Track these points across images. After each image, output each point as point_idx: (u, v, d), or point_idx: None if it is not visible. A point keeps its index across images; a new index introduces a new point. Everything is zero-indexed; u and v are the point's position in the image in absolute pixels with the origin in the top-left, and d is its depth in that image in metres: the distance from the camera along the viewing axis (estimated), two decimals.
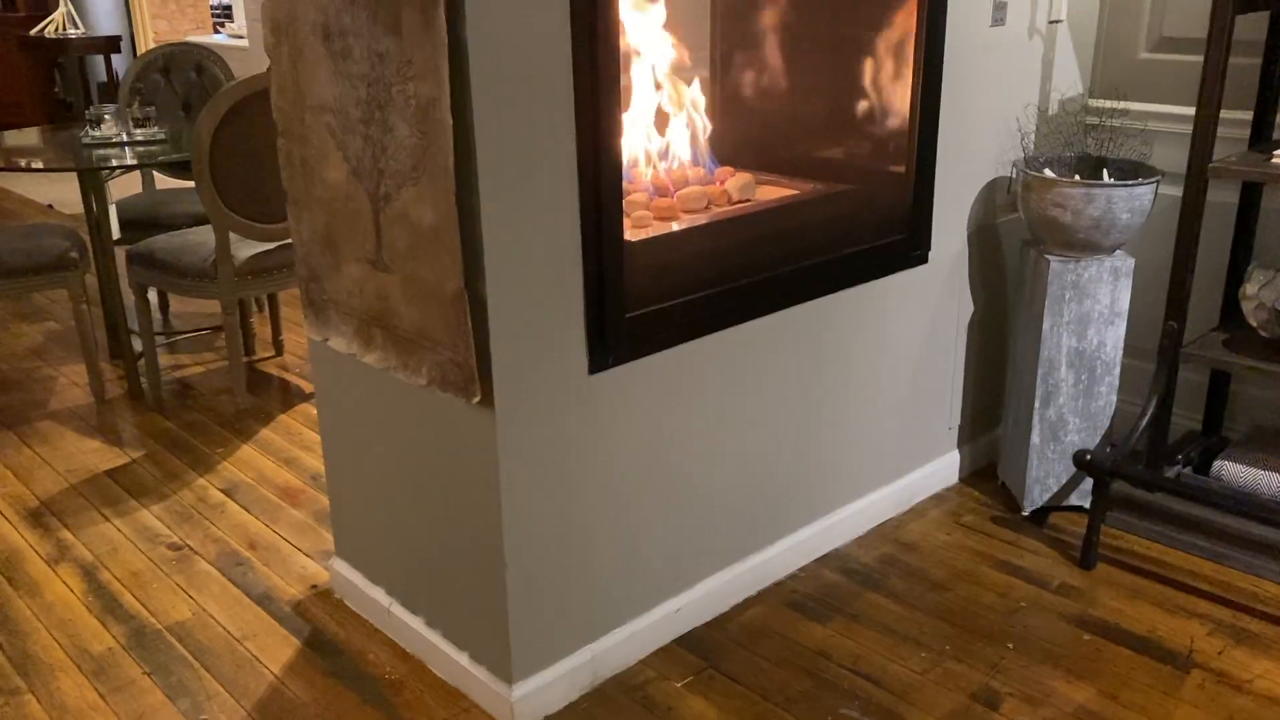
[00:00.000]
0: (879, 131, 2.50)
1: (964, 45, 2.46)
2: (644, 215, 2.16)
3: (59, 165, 3.69)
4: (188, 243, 3.46)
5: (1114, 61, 2.86)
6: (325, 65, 1.89)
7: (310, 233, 2.11)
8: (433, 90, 1.67)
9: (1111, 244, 2.50)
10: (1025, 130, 2.70)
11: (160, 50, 4.55)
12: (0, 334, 4.29)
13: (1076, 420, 2.64)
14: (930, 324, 2.68)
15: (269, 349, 4.04)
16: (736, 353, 2.22)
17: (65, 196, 6.16)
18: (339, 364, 2.19)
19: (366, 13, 1.75)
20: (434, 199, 1.75)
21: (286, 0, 1.94)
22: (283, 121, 2.08)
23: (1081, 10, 2.80)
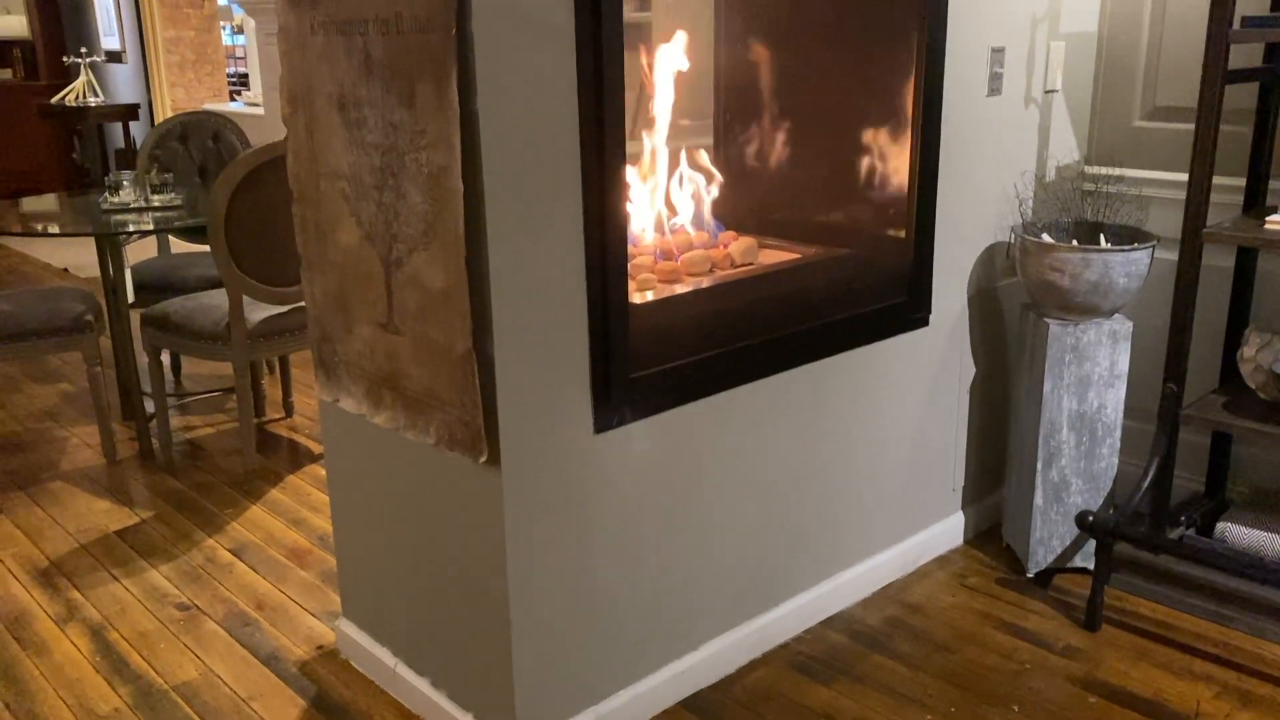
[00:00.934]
0: (879, 197, 2.55)
1: (961, 114, 2.53)
2: (649, 278, 2.21)
3: (77, 230, 3.77)
4: (201, 306, 3.52)
5: (1109, 129, 2.93)
6: (340, 134, 1.96)
7: (323, 295, 2.16)
8: (445, 159, 1.73)
9: (1110, 307, 2.54)
10: (1023, 196, 2.75)
11: (178, 118, 4.66)
12: (14, 395, 4.34)
13: (1079, 482, 2.66)
14: (932, 386, 2.71)
15: (279, 410, 4.08)
16: (740, 413, 2.26)
17: (81, 261, 6.27)
18: (349, 425, 2.23)
19: (382, 85, 1.82)
20: (444, 262, 1.80)
21: (304, 73, 2.01)
22: (298, 188, 2.14)
23: (1076, 80, 2.87)
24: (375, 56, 1.82)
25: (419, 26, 1.71)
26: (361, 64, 1.85)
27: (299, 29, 1.99)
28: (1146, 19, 2.82)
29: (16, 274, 6.51)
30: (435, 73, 1.70)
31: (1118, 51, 2.89)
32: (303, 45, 2.00)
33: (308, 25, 1.96)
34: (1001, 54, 2.60)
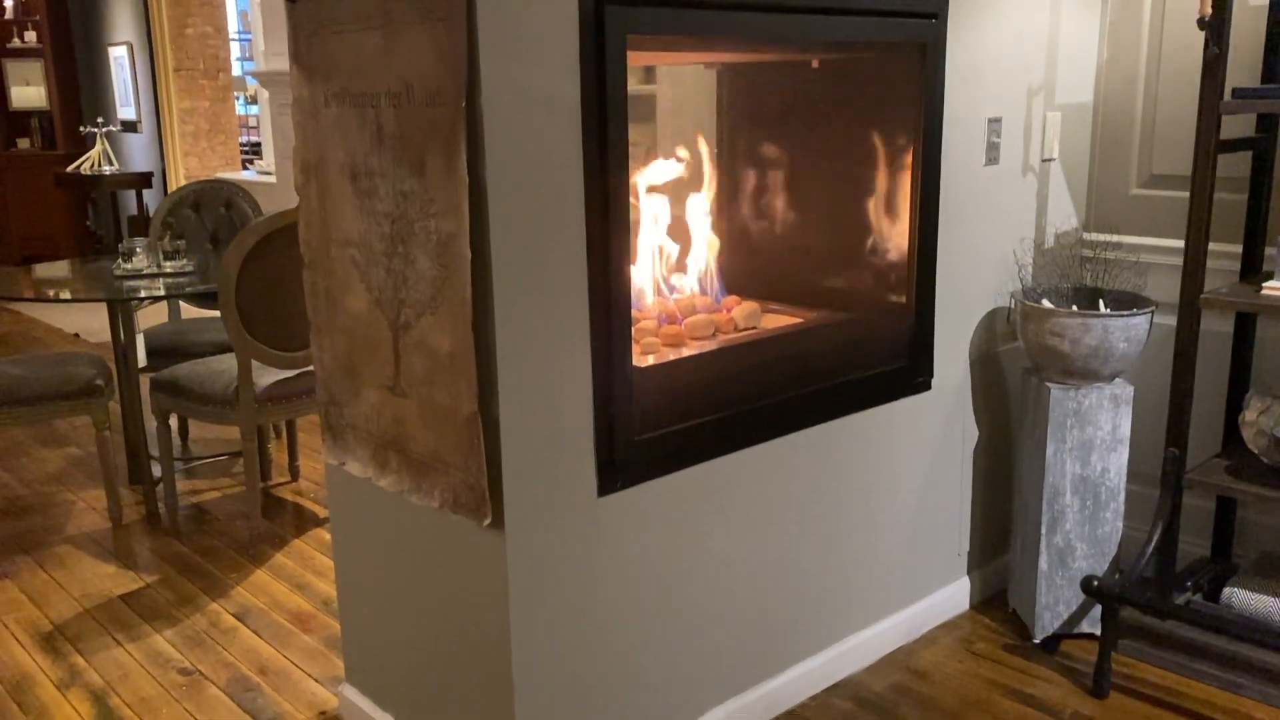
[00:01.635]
0: (880, 263, 2.59)
1: (960, 182, 2.58)
2: (653, 342, 2.24)
3: (90, 296, 3.83)
4: (211, 370, 3.55)
5: (1106, 197, 2.98)
6: (351, 203, 2.00)
7: (332, 359, 2.19)
8: (453, 226, 1.77)
9: (1110, 372, 2.56)
10: (1022, 262, 2.79)
11: (192, 186, 4.75)
12: (22, 459, 4.36)
13: (1084, 546, 2.66)
14: (936, 450, 2.72)
15: (285, 475, 4.09)
16: (744, 477, 2.27)
17: (92, 326, 6.33)
18: (354, 488, 2.24)
19: (393, 156, 1.87)
20: (452, 327, 1.83)
21: (317, 143, 2.07)
22: (309, 254, 2.18)
23: (1073, 148, 2.93)
24: (387, 128, 1.87)
25: (429, 100, 1.76)
26: (373, 135, 1.90)
27: (313, 101, 2.05)
28: (1141, 89, 2.88)
29: (27, 339, 6.57)
30: (445, 144, 1.75)
31: (1113, 121, 2.95)
32: (316, 117, 2.05)
33: (321, 98, 2.02)
34: (999, 124, 2.66)
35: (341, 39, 1.93)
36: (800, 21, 2.15)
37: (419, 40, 1.76)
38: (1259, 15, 2.59)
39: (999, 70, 2.63)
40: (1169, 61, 2.81)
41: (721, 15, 2.01)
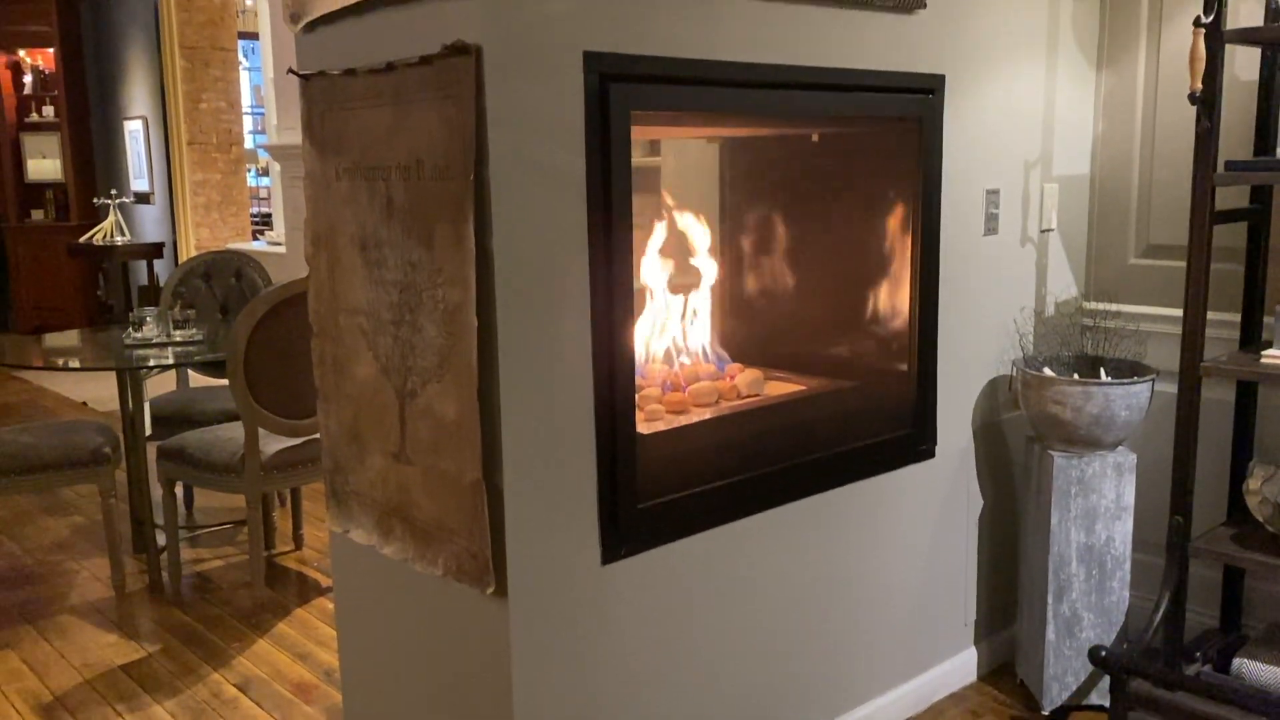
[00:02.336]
0: (882, 330, 2.62)
1: (959, 252, 2.61)
2: (656, 409, 2.26)
3: (99, 364, 3.86)
4: (218, 438, 3.57)
5: (1105, 266, 3.01)
6: (360, 273, 2.04)
7: (338, 426, 2.21)
8: (460, 295, 1.80)
9: (1113, 440, 2.57)
10: (1023, 331, 2.82)
11: (203, 257, 4.82)
12: (27, 528, 4.36)
13: (1091, 616, 2.64)
14: (940, 518, 2.72)
15: (289, 543, 4.09)
16: (748, 545, 2.27)
17: (100, 394, 6.36)
18: (358, 556, 2.25)
19: (402, 227, 1.91)
20: (457, 394, 1.85)
21: (327, 215, 2.11)
22: (318, 323, 2.22)
23: (1071, 219, 2.97)
24: (396, 200, 1.91)
25: (438, 173, 1.81)
26: (383, 207, 1.94)
27: (324, 175, 2.10)
28: (1136, 162, 2.93)
29: (36, 407, 6.60)
30: (453, 215, 1.79)
31: (1110, 193, 2.99)
32: (328, 190, 2.10)
33: (333, 171, 2.07)
34: (996, 195, 2.70)
35: (354, 115, 1.99)
36: (799, 97, 2.20)
37: (429, 116, 1.81)
38: (1249, 90, 2.65)
39: (996, 143, 2.69)
40: (1163, 134, 2.86)
41: (722, 92, 2.06)
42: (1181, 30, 2.69)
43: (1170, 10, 2.82)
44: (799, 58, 2.17)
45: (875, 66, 2.32)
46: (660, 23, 1.94)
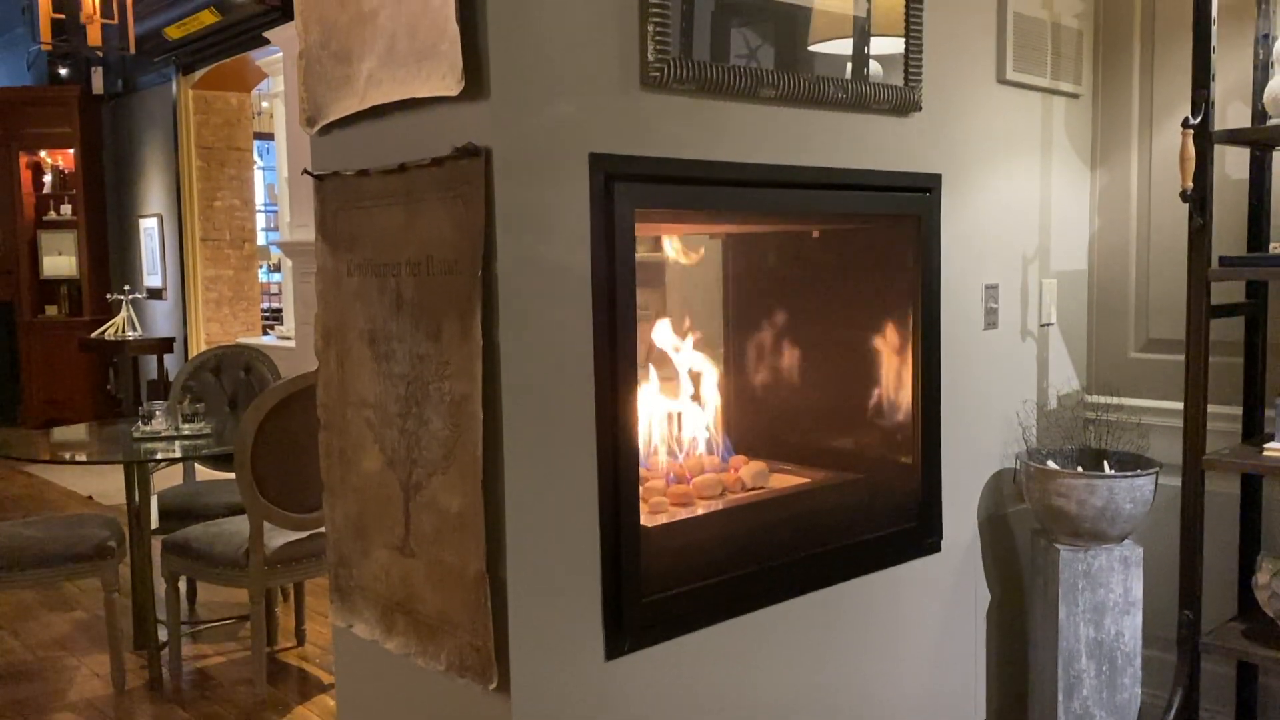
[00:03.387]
0: (886, 423, 2.63)
1: (960, 346, 2.64)
2: (661, 501, 2.27)
3: (107, 458, 3.88)
4: (223, 532, 3.57)
5: (1106, 360, 3.04)
6: (369, 366, 2.07)
7: (343, 519, 2.22)
8: (466, 387, 1.83)
9: (1118, 533, 2.56)
10: (1026, 424, 2.83)
11: (213, 351, 4.88)
12: (29, 623, 4.33)
13: (1103, 713, 2.60)
14: (948, 613, 2.70)
15: (291, 639, 4.04)
16: (752, 641, 2.25)
17: (106, 488, 6.36)
18: (361, 652, 2.23)
19: (411, 321, 1.95)
20: (462, 487, 1.86)
21: (338, 310, 2.16)
22: (326, 416, 2.24)
23: (1070, 314, 3.01)
24: (406, 296, 1.96)
25: (447, 269, 1.85)
26: (393, 302, 1.99)
27: (336, 270, 2.15)
28: (1133, 257, 2.98)
29: (41, 501, 6.60)
30: (461, 309, 1.83)
31: (1108, 288, 3.04)
32: (339, 285, 2.15)
33: (344, 268, 2.12)
34: (995, 290, 2.75)
35: (366, 214, 2.05)
36: (799, 196, 2.26)
37: (439, 214, 1.86)
38: (1240, 188, 2.71)
39: (993, 239, 2.74)
40: (1158, 231, 2.92)
41: (724, 191, 2.12)
42: (1171, 131, 2.77)
43: (1160, 112, 2.90)
44: (798, 158, 2.23)
45: (873, 166, 2.39)
46: (663, 125, 2.00)
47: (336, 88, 2.09)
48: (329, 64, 2.11)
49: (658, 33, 1.93)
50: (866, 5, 2.34)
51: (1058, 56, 2.86)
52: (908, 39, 2.38)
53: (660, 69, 1.94)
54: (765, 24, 2.25)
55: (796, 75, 2.18)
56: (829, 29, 2.34)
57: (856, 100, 2.30)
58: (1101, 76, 3.01)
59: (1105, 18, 3.00)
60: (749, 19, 2.22)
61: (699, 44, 2.08)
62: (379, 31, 1.94)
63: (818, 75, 2.24)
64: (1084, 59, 2.98)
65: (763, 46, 2.27)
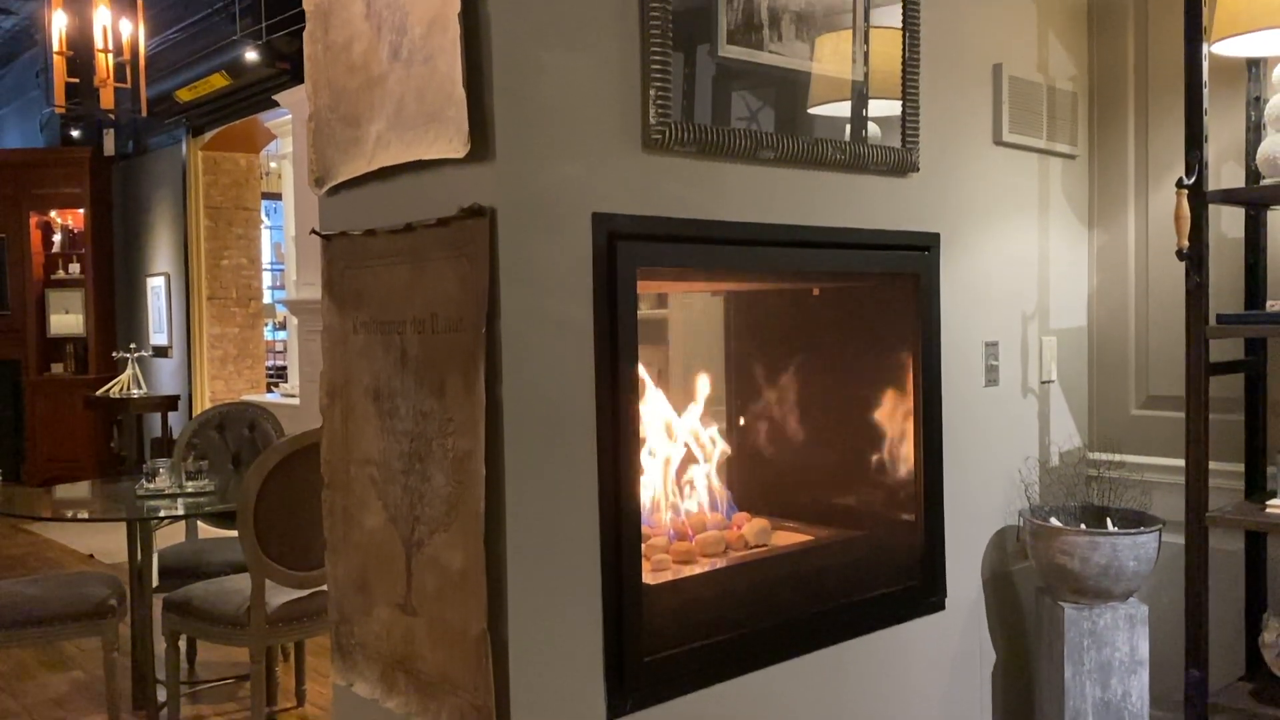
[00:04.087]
0: (888, 480, 2.64)
1: (961, 403, 2.66)
2: (663, 559, 2.26)
3: (108, 515, 3.88)
4: (224, 590, 3.55)
5: (1107, 417, 3.05)
6: (373, 423, 2.09)
7: (345, 577, 2.22)
8: (469, 443, 1.84)
9: (1123, 591, 2.55)
10: (1028, 481, 2.83)
11: (217, 409, 4.89)
12: (26, 683, 4.29)
13: None
14: (953, 672, 2.67)
15: (291, 699, 4.00)
16: (756, 700, 2.23)
17: (108, 547, 6.34)
18: (361, 710, 2.21)
19: (415, 378, 1.97)
20: (464, 544, 1.87)
21: (343, 367, 2.18)
22: (329, 473, 2.25)
23: (1071, 370, 3.02)
24: (411, 352, 1.98)
25: (452, 326, 1.88)
26: (398, 359, 2.01)
27: (342, 328, 2.17)
28: (1132, 315, 3.01)
29: (42, 560, 6.57)
30: (464, 366, 1.84)
31: (1108, 345, 3.06)
32: (344, 342, 2.17)
33: (350, 325, 2.15)
34: (995, 348, 2.76)
35: (372, 272, 2.08)
36: (799, 255, 2.29)
37: (445, 273, 1.89)
38: (1237, 246, 2.74)
39: (993, 297, 2.76)
40: (1156, 289, 2.95)
41: (725, 250, 2.15)
42: (1167, 190, 2.80)
43: (1155, 172, 2.94)
44: (798, 217, 2.26)
45: (872, 225, 2.42)
46: (665, 185, 2.04)
47: (345, 150, 2.13)
48: (338, 127, 2.15)
49: (659, 96, 1.97)
50: (864, 70, 2.39)
51: (1053, 119, 2.91)
52: (904, 102, 2.43)
53: (662, 131, 1.98)
54: (766, 88, 2.29)
55: (796, 137, 2.22)
56: (828, 92, 2.38)
57: (855, 161, 2.34)
58: (1097, 138, 3.06)
59: (1099, 80, 3.05)
60: (750, 83, 2.27)
61: (700, 107, 2.13)
62: (388, 96, 1.99)
63: (817, 137, 2.28)
64: (1079, 121, 3.03)
65: (763, 109, 2.32)
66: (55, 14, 4.32)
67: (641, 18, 1.97)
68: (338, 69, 2.14)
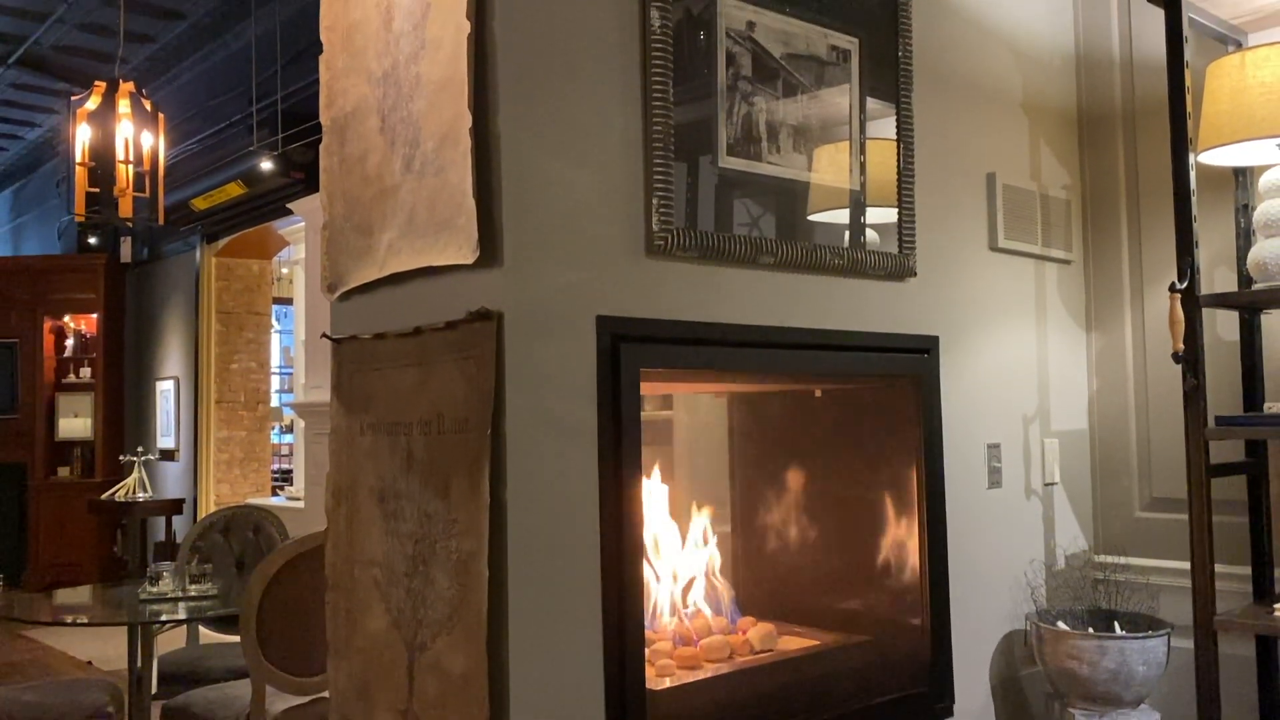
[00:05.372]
0: (894, 584, 2.62)
1: (965, 505, 2.66)
2: (667, 664, 2.25)
3: (110, 620, 3.85)
4: (225, 696, 3.51)
5: (1112, 519, 3.04)
6: (378, 525, 2.10)
7: (347, 682, 2.20)
8: (473, 545, 1.85)
9: (1133, 697, 2.51)
10: (1034, 584, 2.82)
11: (222, 512, 4.89)
12: None
13: None
14: None
15: None
16: None
17: (107, 653, 6.25)
18: None
19: (420, 479, 1.99)
20: (466, 647, 1.86)
21: (350, 469, 2.20)
22: (333, 576, 2.25)
23: (1074, 472, 3.03)
24: (416, 453, 2.00)
25: (457, 427, 1.91)
26: (404, 460, 2.03)
27: (349, 430, 2.20)
28: (1132, 417, 3.03)
29: (40, 667, 6.48)
30: (470, 467, 1.87)
31: (1110, 447, 3.07)
32: (351, 444, 2.20)
33: (358, 426, 2.18)
34: (998, 449, 2.78)
35: (381, 375, 2.12)
36: (799, 357, 2.33)
37: (452, 374, 1.93)
38: (1233, 349, 2.77)
39: (993, 399, 2.79)
40: (1155, 391, 2.97)
41: (726, 351, 2.19)
42: (1162, 294, 2.86)
43: (1150, 276, 3.00)
44: (798, 320, 2.31)
45: (871, 328, 2.46)
46: (667, 289, 2.09)
47: (358, 257, 2.20)
48: (351, 235, 2.22)
49: (661, 204, 2.04)
50: (861, 179, 2.47)
51: (1048, 225, 2.98)
52: (901, 210, 2.50)
53: (665, 237, 2.04)
54: (767, 195, 2.37)
55: (795, 243, 2.28)
56: (827, 200, 2.46)
57: (854, 266, 2.40)
58: (1092, 243, 3.13)
59: (1092, 188, 3.13)
60: (751, 191, 2.34)
61: (704, 214, 2.19)
62: (400, 205, 2.05)
63: (816, 243, 2.34)
64: (1074, 227, 3.10)
65: (765, 215, 2.39)
66: (80, 127, 4.47)
67: (645, 131, 2.05)
68: (353, 180, 2.21)
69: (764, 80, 2.27)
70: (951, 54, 2.74)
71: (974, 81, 2.81)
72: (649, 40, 2.05)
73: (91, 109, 4.54)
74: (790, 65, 2.32)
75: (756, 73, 2.25)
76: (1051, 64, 3.08)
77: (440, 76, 1.94)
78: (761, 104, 2.26)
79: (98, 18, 6.94)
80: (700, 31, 2.18)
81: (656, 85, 2.05)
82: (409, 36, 2.03)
